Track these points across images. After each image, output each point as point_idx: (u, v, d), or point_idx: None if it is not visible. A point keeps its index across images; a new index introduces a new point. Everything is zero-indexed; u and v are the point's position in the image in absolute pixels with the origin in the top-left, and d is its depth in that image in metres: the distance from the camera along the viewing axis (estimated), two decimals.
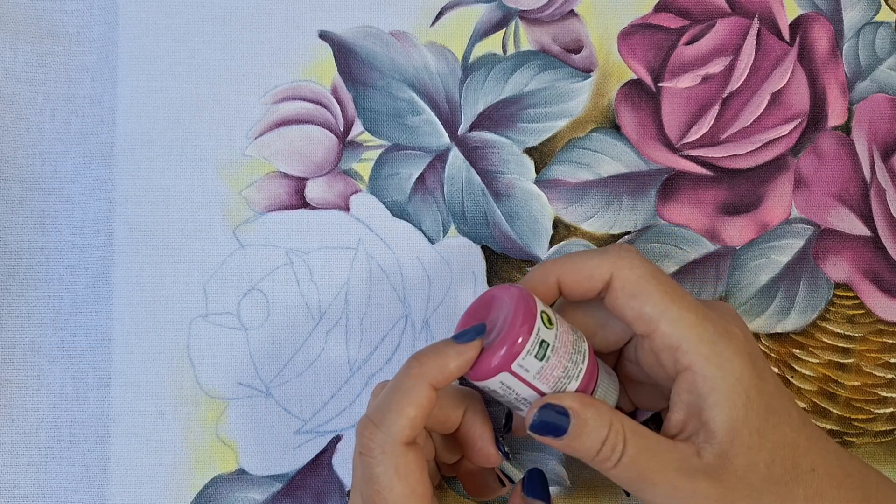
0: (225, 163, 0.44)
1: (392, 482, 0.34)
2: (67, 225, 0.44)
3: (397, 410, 0.34)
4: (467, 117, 0.45)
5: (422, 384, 0.35)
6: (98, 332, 0.44)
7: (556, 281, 0.37)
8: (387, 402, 0.35)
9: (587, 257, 0.36)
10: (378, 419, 0.35)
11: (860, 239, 0.45)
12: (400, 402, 0.34)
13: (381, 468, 0.34)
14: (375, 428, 0.35)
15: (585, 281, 0.36)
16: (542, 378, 0.35)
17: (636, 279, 0.35)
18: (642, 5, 0.46)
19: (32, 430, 0.43)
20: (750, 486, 0.34)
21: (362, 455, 0.35)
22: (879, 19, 0.46)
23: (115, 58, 0.45)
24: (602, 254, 0.36)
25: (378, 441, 0.34)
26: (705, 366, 0.35)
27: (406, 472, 0.34)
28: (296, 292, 0.44)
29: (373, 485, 0.34)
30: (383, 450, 0.34)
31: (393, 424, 0.34)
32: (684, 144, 0.45)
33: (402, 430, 0.34)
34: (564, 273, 0.37)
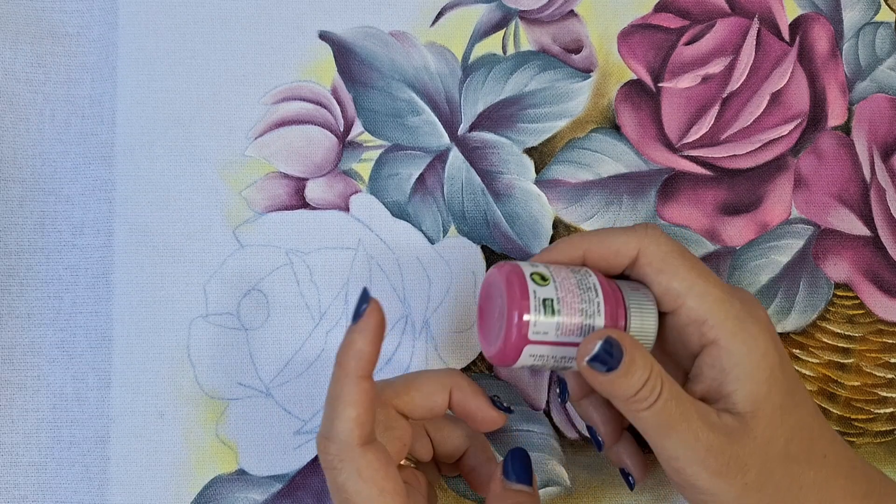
0: (225, 163, 0.44)
1: (358, 487, 0.34)
2: (67, 225, 0.44)
3: (338, 416, 0.34)
4: (467, 117, 0.45)
5: (349, 381, 0.35)
6: (98, 332, 0.44)
7: (582, 255, 0.37)
8: (328, 411, 0.35)
9: (614, 233, 0.37)
10: (326, 431, 0.35)
11: (860, 239, 0.45)
12: (337, 408, 0.34)
13: (343, 476, 0.34)
14: (327, 440, 0.35)
15: (612, 256, 0.37)
16: (566, 331, 0.35)
17: (663, 255, 0.36)
18: (642, 5, 0.46)
19: (32, 431, 0.43)
20: (766, 456, 0.35)
21: (326, 469, 0.35)
22: (879, 19, 0.46)
23: (115, 58, 0.45)
24: (629, 230, 0.37)
25: (333, 451, 0.34)
26: (731, 341, 0.35)
27: (369, 473, 0.34)
28: (296, 293, 0.44)
29: (342, 494, 0.35)
30: (341, 458, 0.34)
31: (340, 432, 0.34)
32: (684, 144, 0.45)
33: (350, 433, 0.34)
34: (592, 247, 0.37)
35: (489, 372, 0.44)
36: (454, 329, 0.44)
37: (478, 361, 0.44)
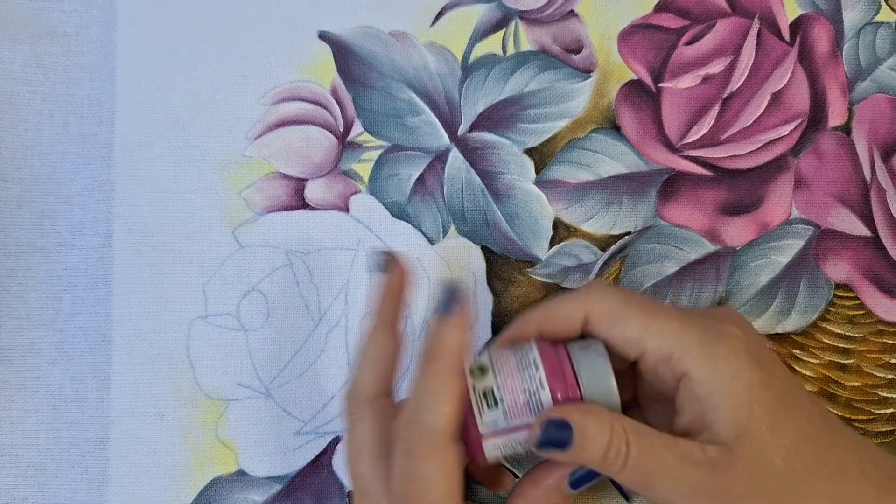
0: (224, 163, 0.44)
1: (438, 481, 0.34)
2: (66, 226, 0.44)
3: (432, 409, 0.34)
4: (467, 118, 0.45)
5: (445, 376, 0.34)
6: (97, 333, 0.44)
7: (536, 330, 0.37)
8: (419, 401, 0.35)
9: (559, 303, 0.37)
10: (415, 420, 0.34)
11: (860, 239, 0.45)
12: (431, 401, 0.34)
13: (427, 466, 0.34)
14: (415, 429, 0.34)
15: (564, 326, 0.37)
16: (514, 415, 0.35)
17: (609, 309, 0.36)
18: (642, 5, 0.46)
19: (32, 432, 0.43)
20: (761, 479, 0.34)
21: (404, 455, 0.34)
22: (879, 19, 0.46)
23: (113, 58, 0.45)
24: (573, 295, 0.37)
25: (420, 441, 0.34)
26: (699, 369, 0.35)
27: (451, 469, 0.34)
28: (295, 293, 0.44)
29: (416, 482, 0.34)
30: (427, 449, 0.34)
31: (434, 424, 0.34)
32: (684, 145, 0.45)
33: (444, 428, 0.34)
34: (543, 323, 0.37)
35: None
36: None
37: None
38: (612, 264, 0.45)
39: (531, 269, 0.44)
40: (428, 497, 0.34)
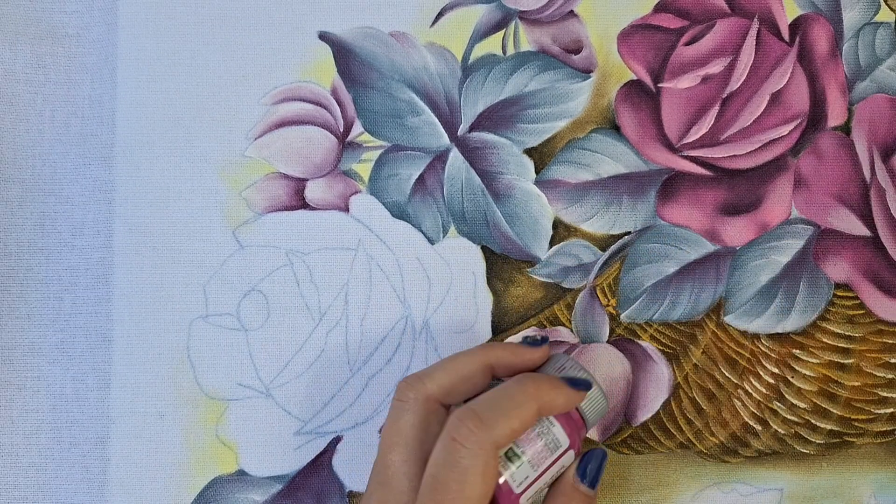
0: (225, 164, 0.44)
1: (476, 479, 0.34)
2: (67, 226, 0.44)
3: (507, 417, 0.35)
4: (467, 118, 0.45)
5: (533, 404, 0.36)
6: (98, 333, 0.44)
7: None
8: (498, 406, 0.35)
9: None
10: (486, 417, 0.35)
11: (860, 239, 0.45)
12: (510, 413, 0.35)
13: (470, 461, 0.34)
14: (481, 423, 0.35)
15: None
16: (539, 461, 0.37)
17: None
18: (642, 6, 0.46)
19: (32, 432, 0.43)
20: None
21: (455, 442, 0.35)
22: (879, 19, 0.46)
23: (114, 59, 0.45)
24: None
25: (480, 435, 0.35)
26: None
27: (491, 475, 0.35)
28: (296, 293, 0.44)
29: (455, 472, 0.34)
30: (481, 446, 0.34)
31: (498, 428, 0.35)
32: (684, 145, 0.45)
33: (503, 437, 0.35)
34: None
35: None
36: (454, 330, 0.44)
37: None
38: (611, 264, 0.45)
39: (531, 268, 0.44)
40: (463, 490, 0.34)
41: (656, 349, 0.44)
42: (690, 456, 0.44)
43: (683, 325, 0.44)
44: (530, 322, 0.44)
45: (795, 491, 0.44)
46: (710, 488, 0.44)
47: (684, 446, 0.44)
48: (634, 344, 0.44)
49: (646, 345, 0.44)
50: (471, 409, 0.35)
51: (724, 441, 0.44)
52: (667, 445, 0.44)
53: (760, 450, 0.44)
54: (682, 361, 0.44)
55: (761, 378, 0.44)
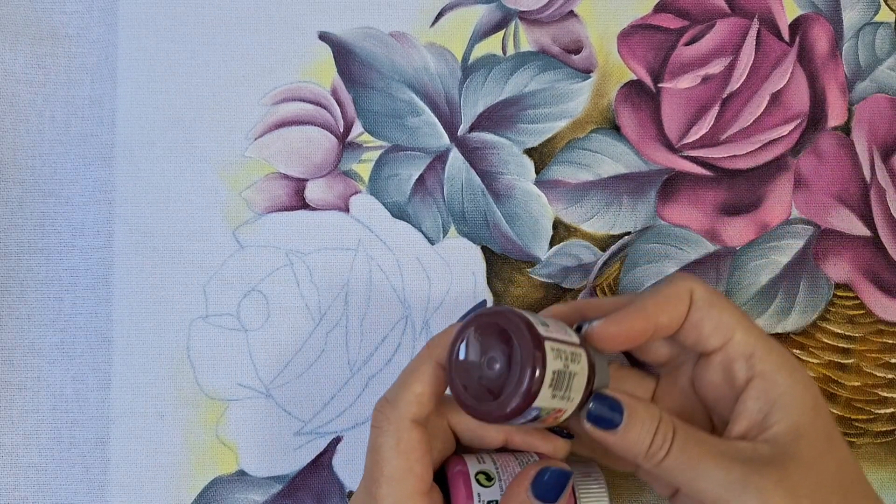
0: (225, 164, 0.44)
1: (392, 454, 0.35)
2: (67, 226, 0.44)
3: (406, 387, 0.35)
4: (467, 118, 0.45)
5: (428, 363, 0.35)
6: (98, 333, 0.44)
7: (648, 319, 0.37)
8: (399, 380, 0.36)
9: (662, 288, 0.37)
10: (390, 396, 0.36)
11: (860, 239, 0.45)
12: (408, 380, 0.35)
13: (383, 439, 0.35)
14: (387, 403, 0.36)
15: (672, 305, 0.37)
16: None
17: (711, 292, 0.37)
18: (642, 6, 0.46)
19: (32, 432, 0.43)
20: (819, 481, 0.34)
21: (372, 427, 0.36)
22: (879, 20, 0.46)
23: (114, 59, 0.45)
24: (672, 279, 0.37)
25: (387, 414, 0.35)
26: (777, 372, 0.36)
27: (408, 448, 0.35)
28: (296, 293, 0.44)
29: (374, 455, 0.35)
30: (390, 422, 0.35)
31: (401, 400, 0.35)
32: (684, 145, 0.45)
33: (409, 406, 0.35)
34: (650, 308, 0.37)
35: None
36: None
37: None
38: (612, 264, 0.45)
39: (531, 269, 0.44)
40: (382, 470, 0.35)
41: None
42: None
43: None
44: None
45: None
46: None
47: None
48: None
49: None
50: (384, 395, 0.36)
51: None
52: None
53: None
54: None
55: None
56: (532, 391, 0.32)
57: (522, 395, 0.32)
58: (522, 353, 0.32)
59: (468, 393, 0.33)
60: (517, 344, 0.33)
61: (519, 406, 0.32)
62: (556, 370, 0.33)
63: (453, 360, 0.34)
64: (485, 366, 0.33)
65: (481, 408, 0.33)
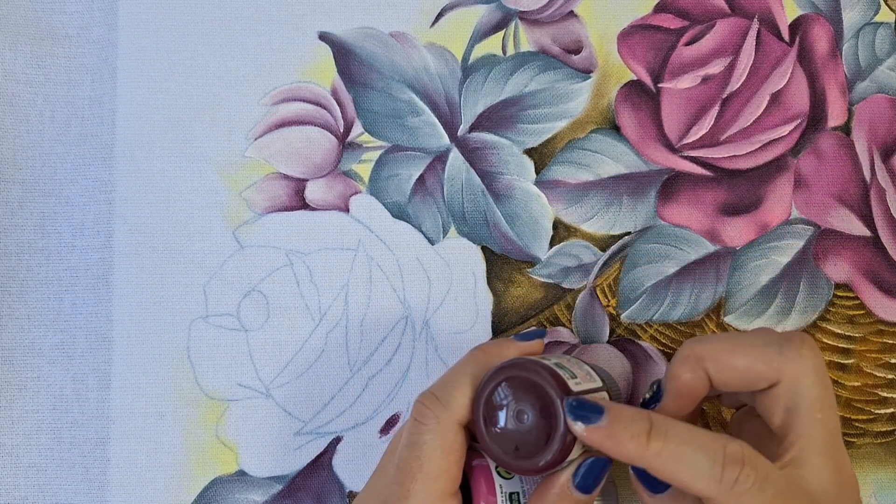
0: (225, 164, 0.44)
1: (436, 453, 0.35)
2: (67, 226, 0.44)
3: (459, 389, 0.35)
4: (467, 118, 0.45)
5: (484, 370, 0.36)
6: (98, 333, 0.44)
7: (705, 373, 0.37)
8: (451, 380, 0.36)
9: (751, 348, 0.36)
10: (440, 393, 0.35)
11: (860, 239, 0.45)
12: (461, 382, 0.35)
13: (429, 436, 0.35)
14: (436, 399, 0.35)
15: (741, 381, 0.36)
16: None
17: (811, 402, 0.36)
18: (642, 6, 0.46)
19: (32, 432, 0.43)
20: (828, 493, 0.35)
21: (416, 421, 0.35)
22: (879, 20, 0.46)
23: (114, 59, 0.45)
24: (772, 346, 0.36)
25: (436, 412, 0.35)
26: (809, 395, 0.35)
27: (451, 449, 0.35)
28: (296, 293, 0.44)
29: (415, 450, 0.35)
30: (438, 421, 0.35)
31: (454, 400, 0.35)
32: (684, 145, 0.45)
33: (460, 410, 0.35)
34: (714, 363, 0.36)
35: None
36: (454, 330, 0.44)
37: None
38: (612, 264, 0.45)
39: (531, 269, 0.44)
40: (423, 468, 0.34)
41: (656, 349, 0.44)
42: None
43: (684, 325, 0.44)
44: (530, 322, 0.44)
45: None
46: None
47: None
48: (634, 344, 0.44)
49: (646, 345, 0.44)
50: (429, 389, 0.36)
51: None
52: None
53: None
54: None
55: None
56: (565, 447, 0.34)
57: (557, 451, 0.33)
58: (554, 410, 0.34)
59: (499, 447, 0.34)
60: (547, 399, 0.34)
61: (554, 460, 0.34)
62: None
63: (482, 415, 0.35)
64: (514, 419, 0.34)
65: (515, 463, 0.34)
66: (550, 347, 0.44)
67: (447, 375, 0.36)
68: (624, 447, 0.33)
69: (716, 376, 0.36)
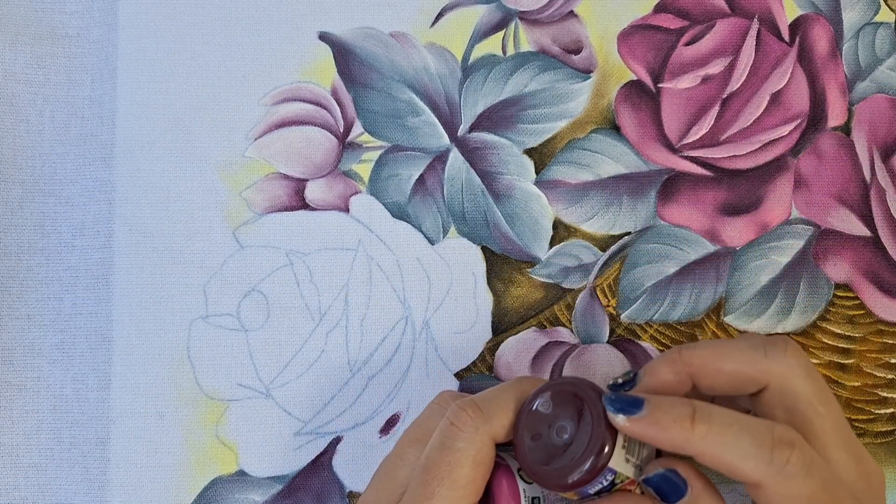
0: (225, 164, 0.44)
1: (467, 462, 0.34)
2: (67, 227, 0.44)
3: (504, 409, 0.35)
4: (467, 118, 0.45)
5: (527, 396, 0.36)
6: (98, 333, 0.44)
7: (689, 377, 0.36)
8: (497, 397, 0.36)
9: (737, 350, 0.36)
10: (484, 405, 0.35)
11: (860, 239, 0.45)
12: (506, 403, 0.35)
13: (463, 444, 0.34)
14: (479, 410, 0.35)
15: (730, 383, 0.36)
16: None
17: (802, 402, 0.36)
18: (642, 6, 0.46)
19: (32, 432, 0.43)
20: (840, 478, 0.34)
21: (452, 426, 0.35)
22: (879, 20, 0.46)
23: (114, 59, 0.45)
24: (758, 350, 0.36)
25: (476, 424, 0.35)
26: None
27: (482, 461, 0.35)
28: (296, 293, 0.44)
29: (446, 454, 0.34)
30: (476, 431, 0.35)
31: (495, 417, 0.35)
32: (684, 145, 0.45)
33: (499, 427, 0.35)
34: (702, 366, 0.36)
35: (489, 373, 0.44)
36: (454, 330, 0.44)
37: (478, 363, 0.44)
38: (612, 264, 0.45)
39: (531, 269, 0.44)
40: (452, 474, 0.34)
41: (656, 349, 0.44)
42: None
43: (684, 325, 0.44)
44: (530, 322, 0.44)
45: None
46: None
47: None
48: (634, 344, 0.44)
49: (646, 345, 0.44)
50: (472, 399, 0.36)
51: None
52: None
53: None
54: None
55: None
56: (601, 462, 0.34)
57: (592, 464, 0.34)
58: (594, 423, 0.34)
59: (536, 460, 0.34)
60: (588, 412, 0.34)
61: (586, 476, 0.34)
62: (626, 442, 0.34)
63: (523, 426, 0.35)
64: (554, 434, 0.35)
65: (550, 475, 0.34)
66: (550, 347, 0.44)
67: (492, 392, 0.36)
68: (668, 433, 0.33)
69: (704, 381, 0.36)
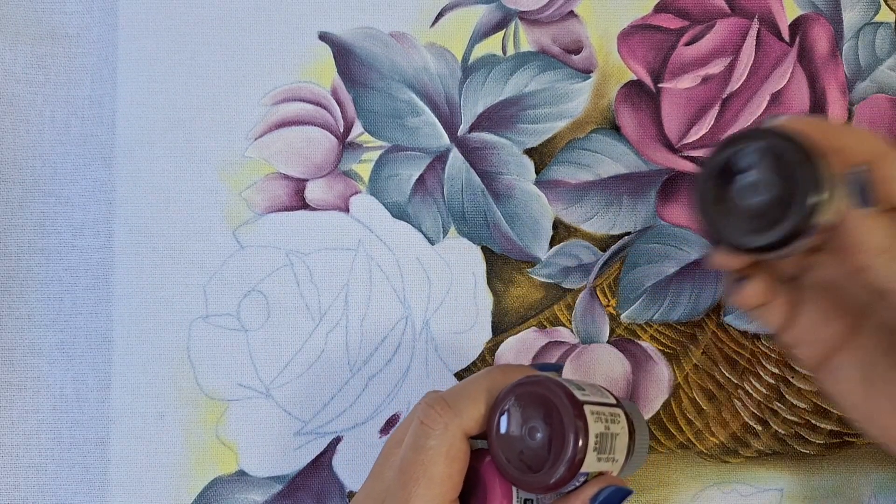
0: (225, 164, 0.44)
1: (440, 459, 0.34)
2: (67, 227, 0.44)
3: (474, 401, 0.35)
4: (467, 118, 0.45)
5: (500, 387, 0.35)
6: (98, 333, 0.44)
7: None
8: (465, 390, 0.36)
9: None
10: (452, 400, 0.35)
11: None
12: (474, 395, 0.35)
13: (435, 442, 0.34)
14: (447, 407, 0.35)
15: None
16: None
17: None
18: (642, 6, 0.46)
19: (32, 432, 0.43)
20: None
21: (423, 425, 0.35)
22: (879, 20, 0.46)
23: (114, 59, 0.45)
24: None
25: (446, 418, 0.35)
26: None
27: (455, 457, 0.35)
28: (296, 293, 0.44)
29: (419, 453, 0.35)
30: (447, 427, 0.35)
31: (465, 411, 0.35)
32: (684, 145, 0.45)
33: (469, 420, 0.35)
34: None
35: None
36: (454, 330, 0.44)
37: (478, 362, 0.44)
38: (612, 264, 0.45)
39: (531, 269, 0.44)
40: (427, 473, 0.34)
41: (656, 349, 0.44)
42: (690, 456, 0.44)
43: (683, 325, 0.44)
44: (530, 322, 0.44)
45: (795, 491, 0.44)
46: (711, 489, 0.44)
47: (684, 446, 0.44)
48: (634, 344, 0.44)
49: (646, 345, 0.44)
50: (440, 395, 0.36)
51: (724, 441, 0.44)
52: (667, 446, 0.44)
53: (761, 450, 0.44)
54: (683, 362, 0.44)
55: (761, 378, 0.44)
56: (577, 460, 0.33)
57: (567, 465, 0.33)
58: (565, 423, 0.33)
59: (511, 465, 0.34)
60: (559, 413, 0.34)
61: (564, 477, 0.34)
62: (599, 433, 0.34)
63: (495, 433, 0.35)
64: (526, 436, 0.34)
65: (526, 479, 0.34)
66: (550, 347, 0.44)
67: (462, 385, 0.36)
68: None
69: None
